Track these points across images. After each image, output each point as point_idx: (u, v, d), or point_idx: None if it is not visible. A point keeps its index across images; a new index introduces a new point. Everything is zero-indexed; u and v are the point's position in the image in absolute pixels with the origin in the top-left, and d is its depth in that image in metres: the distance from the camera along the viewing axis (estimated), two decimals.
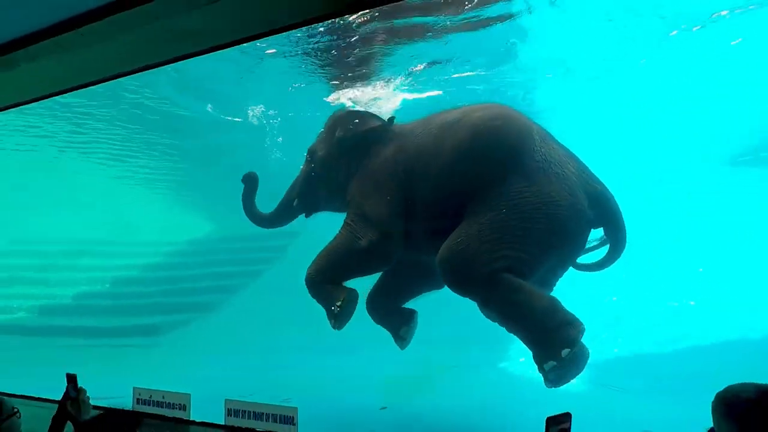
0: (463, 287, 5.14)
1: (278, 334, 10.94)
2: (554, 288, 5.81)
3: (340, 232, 5.98)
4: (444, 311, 7.42)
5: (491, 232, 4.96)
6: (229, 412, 3.65)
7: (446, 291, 5.73)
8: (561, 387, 4.97)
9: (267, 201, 6.95)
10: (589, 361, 4.95)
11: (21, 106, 5.06)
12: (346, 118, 6.46)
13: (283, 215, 6.79)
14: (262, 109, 12.63)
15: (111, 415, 1.95)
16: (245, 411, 3.58)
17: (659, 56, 10.37)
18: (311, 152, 6.70)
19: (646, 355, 9.59)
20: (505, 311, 4.94)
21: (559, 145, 5.42)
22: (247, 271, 15.74)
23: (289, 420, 3.43)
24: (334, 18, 7.06)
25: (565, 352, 4.61)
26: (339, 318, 5.76)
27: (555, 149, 5.30)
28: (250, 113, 12.81)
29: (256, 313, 12.72)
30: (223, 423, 3.66)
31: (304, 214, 6.85)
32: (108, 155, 16.94)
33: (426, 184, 5.44)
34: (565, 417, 1.59)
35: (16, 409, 2.21)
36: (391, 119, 6.22)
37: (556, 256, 5.24)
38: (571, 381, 4.97)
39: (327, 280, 5.88)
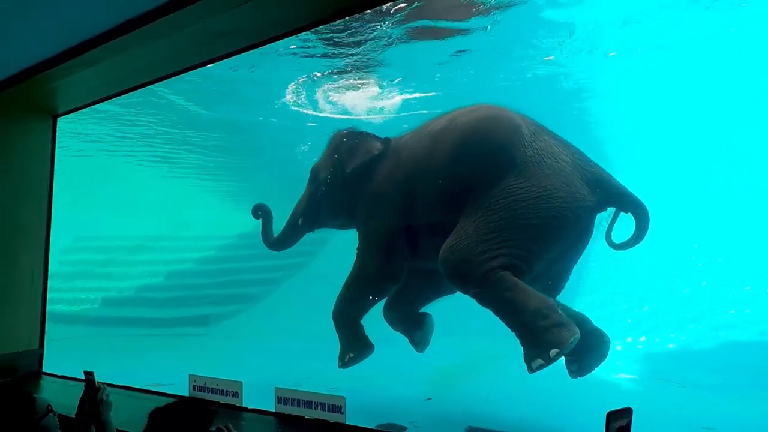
0: (461, 284, 5.26)
1: (324, 324, 11.13)
2: (570, 277, 5.79)
3: (354, 263, 6.28)
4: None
5: (487, 231, 5.05)
6: (279, 400, 3.75)
7: None
8: (613, 380, 4.86)
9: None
10: (643, 354, 4.81)
11: (78, 111, 5.39)
12: (347, 141, 6.56)
13: (290, 236, 7.14)
14: (297, 105, 12.90)
15: (187, 404, 1.93)
16: (295, 399, 3.67)
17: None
18: (314, 171, 6.94)
19: (705, 347, 9.10)
20: (499, 308, 5.01)
21: (551, 136, 5.41)
22: (292, 264, 16.14)
23: (337, 408, 3.48)
24: (368, 10, 7.10)
25: (553, 352, 4.58)
26: (347, 364, 6.22)
27: (547, 141, 5.30)
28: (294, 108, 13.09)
29: (301, 303, 13.01)
30: (273, 410, 3.77)
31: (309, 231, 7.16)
32: (159, 157, 17.75)
33: (425, 194, 5.56)
34: (626, 412, 1.53)
35: (49, 407, 2.10)
36: (387, 140, 6.33)
37: (557, 248, 5.22)
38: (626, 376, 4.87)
39: (349, 322, 6.24)
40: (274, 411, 3.75)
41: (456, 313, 6.37)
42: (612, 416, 1.50)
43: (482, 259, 4.93)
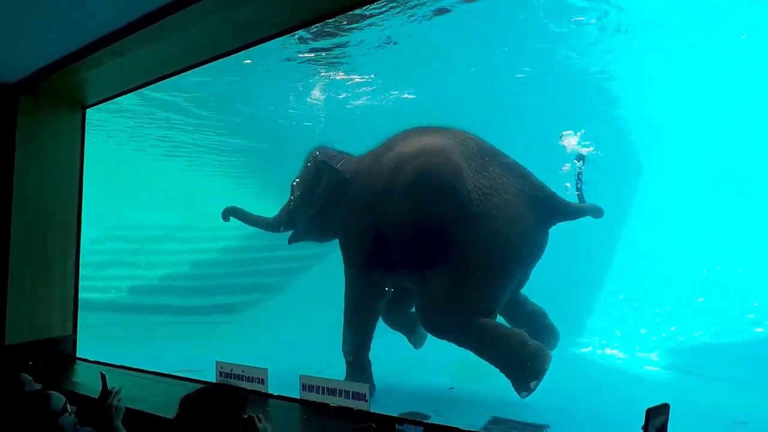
0: (440, 335, 5.81)
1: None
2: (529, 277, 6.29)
3: (344, 293, 6.78)
4: None
5: (450, 284, 5.49)
6: (304, 387, 3.78)
7: None
8: (643, 373, 4.86)
9: None
10: (674, 347, 4.83)
11: (108, 101, 5.47)
12: (318, 166, 7.00)
13: (273, 228, 8.09)
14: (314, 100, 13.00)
15: (221, 390, 1.90)
16: (319, 387, 3.69)
17: None
18: (292, 188, 7.59)
19: (735, 341, 8.86)
20: (480, 351, 5.58)
21: (495, 161, 5.75)
22: (313, 254, 16.26)
23: (361, 396, 3.49)
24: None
25: (533, 384, 5.28)
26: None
27: (490, 174, 5.65)
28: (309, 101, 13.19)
29: (322, 293, 13.11)
30: (298, 397, 3.80)
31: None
32: (183, 150, 18.02)
33: (389, 230, 6.00)
34: (664, 408, 1.49)
35: (65, 406, 1.98)
36: (349, 162, 6.81)
37: (518, 275, 5.78)
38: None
39: (359, 354, 6.65)
40: (299, 398, 3.79)
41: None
42: (651, 412, 1.47)
43: (452, 310, 5.47)
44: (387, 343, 8.05)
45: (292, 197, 7.65)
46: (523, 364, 5.25)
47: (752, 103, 13.42)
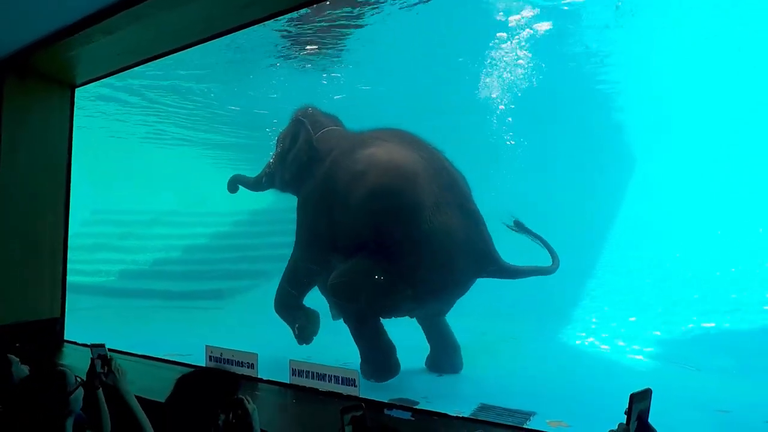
0: (341, 313, 6.40)
1: None
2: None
3: (290, 262, 7.27)
4: (503, 285, 7.34)
5: (379, 275, 5.77)
6: (293, 372, 3.80)
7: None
8: (629, 362, 4.95)
9: None
10: (660, 337, 4.90)
11: (99, 81, 5.37)
12: (296, 129, 7.12)
13: (258, 183, 8.14)
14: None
15: (213, 373, 1.90)
16: (309, 371, 3.71)
17: None
18: (277, 140, 7.71)
19: (721, 332, 9.02)
20: (357, 339, 6.17)
21: (458, 202, 5.92)
22: None
23: (350, 382, 3.52)
24: None
25: (372, 380, 5.91)
26: (300, 338, 7.12)
27: (447, 214, 5.82)
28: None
29: None
30: (288, 382, 3.82)
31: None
32: (173, 132, 17.81)
33: (342, 224, 6.19)
34: (647, 393, 1.52)
35: (77, 379, 2.04)
36: (329, 134, 6.93)
37: (436, 305, 6.28)
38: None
39: (285, 306, 7.18)
40: (288, 383, 3.81)
41: (471, 295, 6.41)
42: (636, 397, 1.49)
43: (359, 299, 5.85)
44: None
45: (272, 154, 7.87)
46: (374, 370, 5.96)
47: (747, 99, 13.54)
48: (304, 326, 7.10)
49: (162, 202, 20.87)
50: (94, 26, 3.57)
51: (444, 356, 6.75)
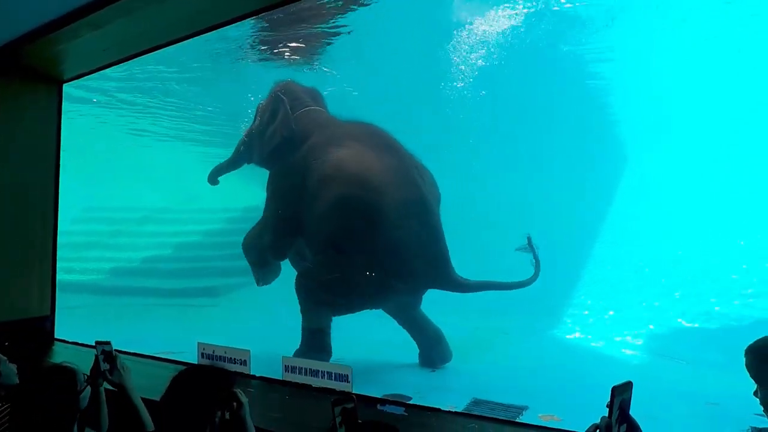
0: (298, 291, 6.75)
1: None
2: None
3: (260, 220, 7.45)
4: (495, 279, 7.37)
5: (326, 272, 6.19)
6: (286, 369, 3.79)
7: (501, 261, 5.93)
8: (619, 356, 5.01)
9: None
10: (650, 331, 4.92)
11: (85, 77, 5.30)
12: (275, 105, 7.16)
13: (236, 159, 8.27)
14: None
15: (208, 370, 1.88)
16: (302, 368, 3.70)
17: None
18: (255, 114, 7.76)
19: (711, 326, 9.11)
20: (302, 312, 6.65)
21: (409, 184, 6.13)
22: None
23: (343, 378, 3.51)
24: None
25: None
26: (260, 280, 7.80)
27: (411, 225, 6.02)
28: None
29: None
30: (281, 378, 3.80)
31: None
32: (164, 129, 17.68)
33: (307, 216, 6.44)
34: (628, 386, 1.54)
35: (86, 377, 2.09)
36: (305, 116, 7.01)
37: (402, 299, 6.51)
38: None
39: (255, 247, 7.47)
40: (281, 379, 3.80)
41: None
42: (617, 390, 1.51)
43: (316, 290, 6.36)
44: (368, 327, 8.12)
45: (250, 126, 7.89)
46: (305, 350, 6.32)
47: (741, 97, 13.64)
48: (267, 272, 7.62)
49: (153, 200, 20.72)
50: (80, 20, 3.52)
51: (429, 348, 6.84)
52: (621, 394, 1.52)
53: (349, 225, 6.04)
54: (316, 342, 6.44)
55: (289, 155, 6.84)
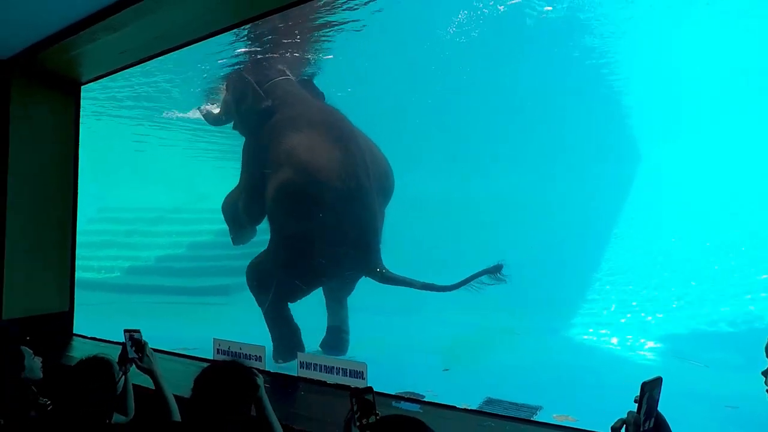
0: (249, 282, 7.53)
1: None
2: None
3: (238, 184, 7.89)
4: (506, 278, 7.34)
5: (278, 256, 6.75)
6: (301, 365, 3.81)
7: (510, 259, 5.90)
8: (634, 357, 4.95)
9: None
10: (667, 333, 4.87)
11: (103, 78, 5.39)
12: (245, 80, 7.53)
13: (218, 122, 8.89)
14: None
15: (234, 367, 1.87)
16: (317, 364, 3.73)
17: None
18: (226, 85, 8.40)
19: (729, 328, 8.97)
20: (266, 318, 7.12)
21: (355, 177, 6.45)
22: None
23: (358, 374, 3.53)
24: None
25: (279, 362, 6.43)
26: (235, 239, 8.63)
27: (347, 197, 6.41)
28: None
29: None
30: (296, 375, 3.83)
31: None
32: (176, 128, 17.84)
33: (265, 189, 6.84)
34: (658, 381, 1.53)
35: (122, 369, 2.23)
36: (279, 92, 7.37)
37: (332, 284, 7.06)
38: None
39: (231, 205, 8.02)
40: (296, 375, 3.82)
41: (475, 290, 6.42)
42: (647, 386, 1.50)
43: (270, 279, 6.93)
44: (380, 326, 8.16)
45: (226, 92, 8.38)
46: (278, 352, 6.60)
47: (755, 98, 13.41)
48: (243, 233, 8.26)
49: (167, 200, 20.97)
50: (97, 24, 3.58)
51: (330, 334, 7.34)
52: (650, 390, 1.50)
53: (289, 210, 6.57)
54: (281, 328, 6.89)
55: (258, 128, 7.26)
